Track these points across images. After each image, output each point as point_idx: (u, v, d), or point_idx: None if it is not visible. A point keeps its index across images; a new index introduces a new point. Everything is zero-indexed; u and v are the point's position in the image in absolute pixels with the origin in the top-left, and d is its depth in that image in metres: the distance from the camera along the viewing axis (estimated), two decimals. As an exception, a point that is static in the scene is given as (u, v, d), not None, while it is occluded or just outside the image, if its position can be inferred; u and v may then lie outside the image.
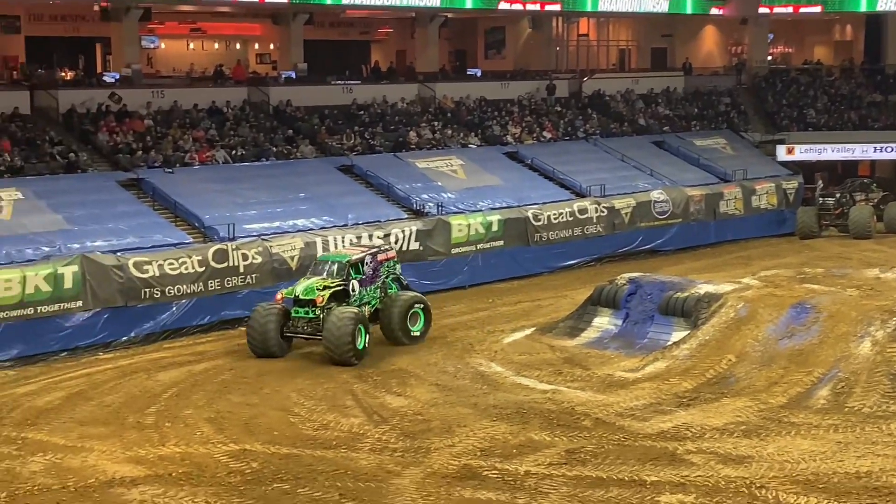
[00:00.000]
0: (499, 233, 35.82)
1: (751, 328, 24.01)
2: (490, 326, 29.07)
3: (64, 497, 17.35)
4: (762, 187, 44.38)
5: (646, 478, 17.47)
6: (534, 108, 45.94)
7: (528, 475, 17.78)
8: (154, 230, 30.22)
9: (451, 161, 38.99)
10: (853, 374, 21.74)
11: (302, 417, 21.43)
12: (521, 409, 21.50)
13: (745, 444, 19.02)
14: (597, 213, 38.53)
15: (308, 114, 39.90)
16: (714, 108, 50.85)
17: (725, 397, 21.72)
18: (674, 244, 40.74)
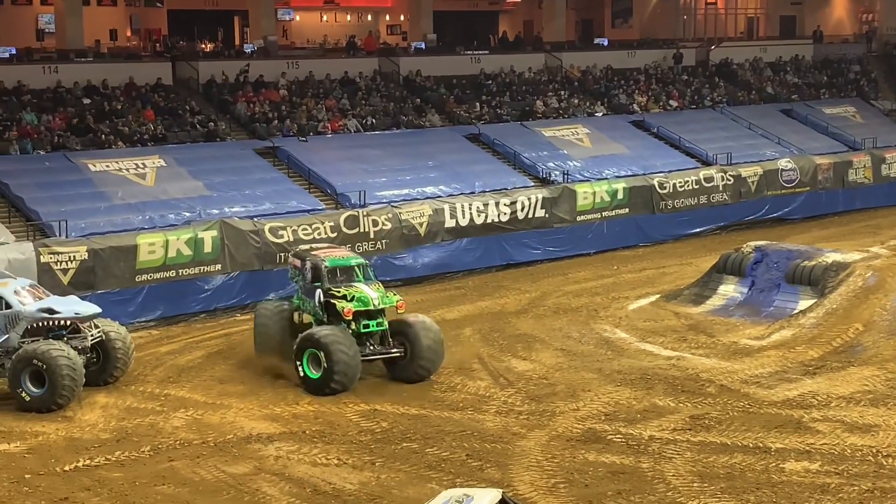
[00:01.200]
0: (624, 200, 35.43)
1: (879, 297, 23.36)
2: (614, 293, 28.85)
3: (204, 451, 17.81)
4: (892, 156, 42.97)
5: (770, 445, 17.18)
6: (660, 76, 45.23)
7: (652, 440, 17.63)
8: (289, 197, 30.68)
9: (577, 129, 38.66)
10: None
11: (430, 380, 21.57)
12: (645, 374, 21.32)
13: (872, 413, 18.55)
14: (723, 181, 37.82)
15: (437, 84, 39.94)
16: (843, 76, 49.39)
17: (852, 366, 21.20)
18: (801, 213, 39.77)
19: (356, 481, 16.27)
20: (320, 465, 17.01)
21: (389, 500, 15.50)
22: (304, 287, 22.04)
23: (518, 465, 16.72)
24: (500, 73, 41.78)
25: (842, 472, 15.92)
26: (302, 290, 22.15)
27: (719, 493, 15.34)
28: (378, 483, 16.21)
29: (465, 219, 31.94)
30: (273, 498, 15.81)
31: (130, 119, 32.40)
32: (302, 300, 22.20)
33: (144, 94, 34.07)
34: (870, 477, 15.68)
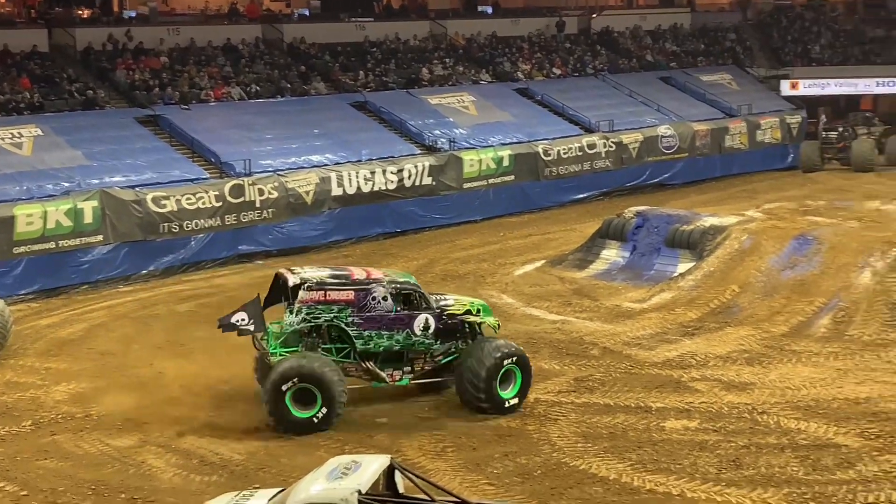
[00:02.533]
0: (509, 168, 35.67)
1: (754, 259, 23.94)
2: (501, 259, 29.05)
3: (87, 424, 17.47)
4: (767, 122, 44.06)
5: (651, 404, 17.52)
6: (544, 44, 45.53)
7: (538, 402, 17.82)
8: (171, 166, 30.16)
9: (463, 97, 38.74)
10: (853, 303, 21.68)
11: (317, 347, 21.43)
12: (531, 339, 21.52)
13: (748, 372, 19.04)
14: (605, 147, 38.33)
15: (321, 51, 39.59)
16: (720, 44, 50.34)
17: (729, 326, 21.71)
18: (680, 178, 40.55)
19: (244, 451, 16.12)
20: (207, 435, 16.80)
21: (278, 468, 15.40)
22: (363, 309, 17.34)
23: (407, 430, 16.76)
24: (385, 41, 41.57)
25: (719, 430, 16.31)
26: (355, 312, 17.34)
27: (602, 452, 15.61)
28: (266, 452, 16.09)
29: (352, 187, 31.81)
30: (159, 469, 15.59)
31: (5, 87, 31.42)
32: (363, 338, 17.40)
33: (19, 62, 33.07)
34: (746, 433, 16.11)
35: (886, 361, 19.25)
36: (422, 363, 17.97)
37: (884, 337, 20.50)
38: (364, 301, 17.29)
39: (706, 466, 14.91)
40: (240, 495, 12.45)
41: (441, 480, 14.13)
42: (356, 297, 17.27)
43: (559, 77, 43.25)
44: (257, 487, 13.40)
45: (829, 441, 15.67)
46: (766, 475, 14.52)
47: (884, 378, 18.36)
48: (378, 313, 17.34)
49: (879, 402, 17.21)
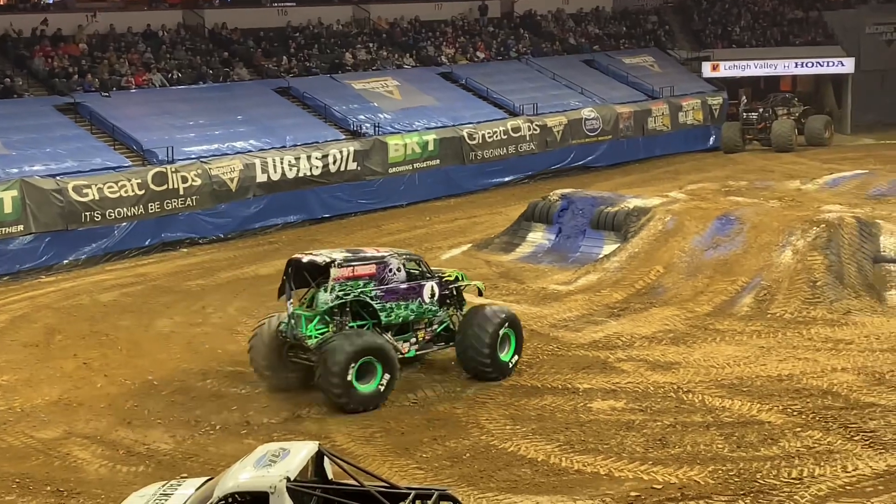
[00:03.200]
0: (434, 152, 35.67)
1: (678, 240, 24.21)
2: (427, 243, 29.06)
3: (10, 417, 17.17)
4: (688, 103, 44.57)
5: (578, 385, 17.65)
6: (467, 28, 45.53)
7: (466, 386, 17.87)
8: (93, 154, 29.70)
9: (387, 82, 38.63)
10: (775, 282, 22.03)
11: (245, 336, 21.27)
12: (458, 322, 21.53)
13: (673, 351, 19.26)
14: (530, 131, 38.48)
15: (244, 36, 39.20)
16: (641, 27, 50.73)
17: (654, 307, 21.93)
18: (604, 160, 40.88)
19: (171, 441, 15.97)
20: (134, 426, 16.62)
21: (206, 457, 15.28)
22: (382, 281, 17.75)
23: (335, 417, 16.71)
24: (307, 26, 41.29)
25: (645, 409, 16.48)
26: (377, 284, 17.69)
27: (531, 434, 15.70)
28: (194, 441, 15.95)
29: (277, 173, 31.60)
30: (85, 461, 15.38)
31: (-81, 76, 30.73)
32: (385, 310, 17.75)
33: (-67, 50, 32.33)
34: (671, 412, 16.30)
35: (808, 339, 19.60)
36: (423, 333, 18.34)
37: (805, 315, 20.86)
38: (383, 273, 17.77)
39: (633, 446, 15.07)
40: (167, 485, 12.34)
41: (370, 466, 14.13)
42: (377, 271, 17.71)
43: (483, 61, 43.33)
44: (185, 477, 13.29)
45: (753, 418, 15.92)
46: (692, 453, 14.72)
47: (805, 355, 18.69)
48: (394, 285, 17.81)
49: (801, 378, 17.51)
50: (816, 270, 22.04)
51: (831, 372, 17.73)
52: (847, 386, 17.02)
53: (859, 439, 14.90)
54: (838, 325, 20.21)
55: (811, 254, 22.45)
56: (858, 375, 17.49)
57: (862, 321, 20.39)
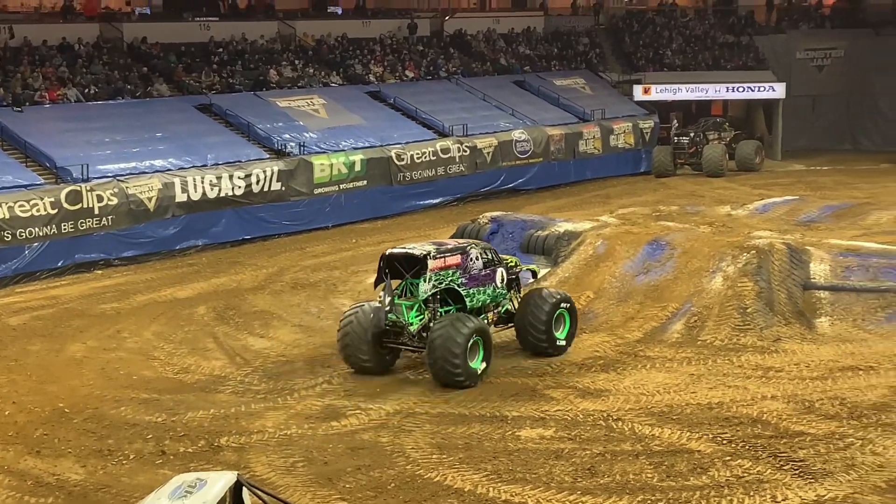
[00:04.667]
0: (362, 172, 35.63)
1: (608, 265, 24.41)
2: (354, 266, 28.98)
3: (-88, 447, 16.76)
4: (620, 127, 45.07)
5: (507, 413, 17.66)
6: (396, 46, 45.64)
7: (393, 414, 17.81)
8: (3, 171, 29.20)
9: (313, 100, 38.54)
10: (705, 308, 22.28)
11: (161, 361, 21.08)
12: (384, 348, 21.47)
13: (603, 379, 19.37)
14: (459, 152, 38.62)
15: (164, 51, 38.88)
16: (573, 49, 51.24)
17: (584, 333, 22.02)
18: (535, 183, 41.15)
19: (82, 471, 15.68)
20: (43, 455, 16.29)
21: (118, 488, 15.02)
22: (467, 270, 19.76)
23: (255, 446, 16.54)
24: (231, 41, 41.08)
25: (574, 437, 16.54)
26: (462, 273, 19.69)
27: (458, 463, 15.67)
28: (106, 472, 15.67)
29: (197, 193, 31.34)
30: (-10, 494, 15.04)
31: None
32: (469, 296, 19.80)
33: None
34: (601, 441, 16.38)
35: (738, 366, 19.83)
36: (492, 315, 20.54)
37: (735, 342, 21.12)
38: (466, 263, 19.83)
39: (562, 475, 15.11)
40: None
41: (291, 497, 14.00)
42: (461, 260, 19.78)
43: (412, 80, 43.43)
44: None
45: (683, 447, 16.04)
46: (621, 482, 14.80)
47: (735, 383, 18.90)
48: (475, 272, 19.98)
49: (731, 406, 17.71)
50: (747, 297, 22.34)
51: (761, 400, 17.95)
52: (777, 414, 17.24)
53: (789, 468, 15.09)
54: (768, 353, 20.49)
55: (741, 280, 22.75)
56: (788, 403, 17.73)
57: (792, 348, 20.69)
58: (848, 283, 22.94)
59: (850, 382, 18.76)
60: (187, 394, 19.13)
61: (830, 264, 23.40)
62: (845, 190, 39.34)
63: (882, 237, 25.33)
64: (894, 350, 20.43)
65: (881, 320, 21.94)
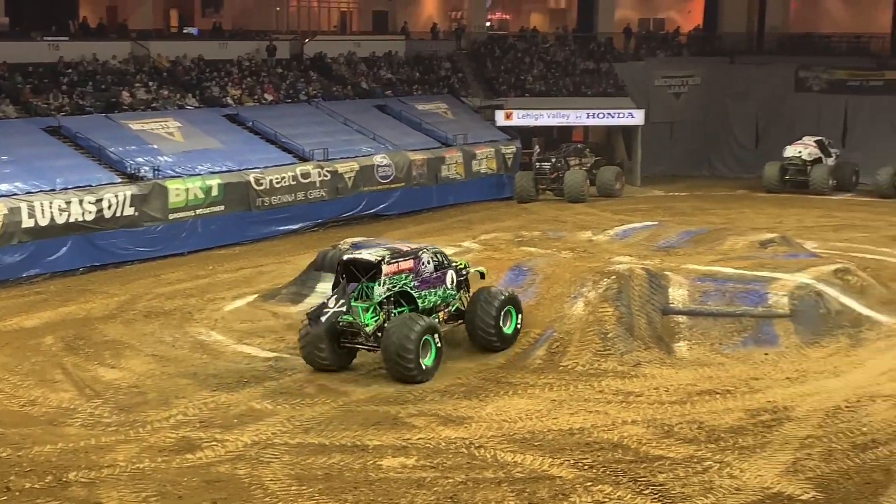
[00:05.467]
0: (219, 197, 35.23)
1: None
2: (210, 294, 28.61)
3: None
4: (482, 152, 45.52)
5: (368, 443, 17.65)
6: (254, 69, 45.32)
7: (251, 445, 17.63)
8: None
9: (168, 123, 37.99)
10: (567, 333, 22.65)
11: (7, 394, 20.47)
12: (242, 378, 21.30)
13: (465, 406, 19.50)
14: (320, 177, 38.49)
15: (10, 72, 37.88)
16: (435, 73, 51.64)
17: (447, 360, 22.05)
18: (397, 208, 41.25)
19: (-79, 512, 15.13)
20: None
21: (-40, 529, 14.53)
22: (419, 274, 21.70)
23: (106, 480, 16.17)
24: (81, 62, 40.25)
25: (437, 466, 16.61)
26: (415, 277, 21.64)
27: (317, 494, 15.58)
28: (-54, 512, 15.16)
29: (46, 218, 30.57)
30: None
31: None
32: (421, 297, 21.69)
33: None
34: (463, 469, 16.48)
35: (598, 391, 20.19)
36: (443, 314, 22.25)
37: (596, 367, 21.51)
38: (418, 267, 21.66)
39: (421, 504, 15.15)
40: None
41: (145, 533, 13.72)
42: (414, 264, 21.62)
43: (271, 103, 43.19)
44: None
45: (545, 473, 16.26)
46: (484, 510, 14.91)
47: (596, 408, 19.24)
48: (426, 276, 21.80)
49: (592, 432, 18.02)
50: (607, 322, 22.79)
51: (621, 425, 18.31)
52: (637, 439, 17.60)
53: (648, 493, 15.42)
54: (628, 377, 20.92)
55: (602, 305, 23.20)
56: (648, 428, 18.12)
57: (651, 373, 21.18)
58: (705, 308, 23.60)
59: (708, 406, 19.29)
60: (34, 427, 18.61)
61: (688, 289, 24.03)
62: (703, 215, 40.46)
63: (738, 262, 26.09)
64: (750, 373, 21.11)
65: (737, 344, 22.65)
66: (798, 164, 46.54)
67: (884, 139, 49.82)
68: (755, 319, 23.24)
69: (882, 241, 35.15)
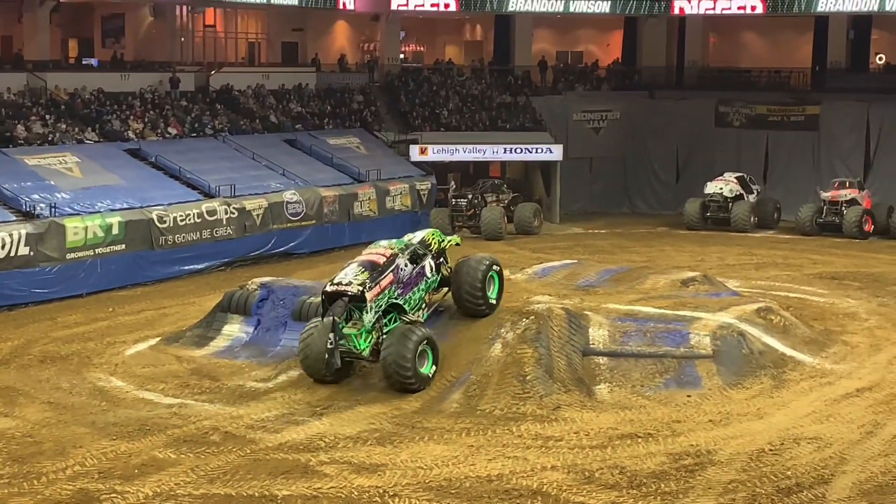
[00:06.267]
0: (120, 236, 34.83)
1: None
2: (110, 338, 28.22)
3: None
4: (396, 188, 45.61)
5: (277, 492, 17.50)
6: (157, 101, 45.00)
7: (152, 497, 17.38)
8: None
9: (66, 158, 37.51)
10: (485, 376, 22.70)
11: None
12: (144, 425, 21.00)
13: (379, 452, 19.43)
14: (227, 214, 38.25)
15: None
16: (347, 106, 51.71)
17: (360, 405, 22.10)
18: (308, 246, 41.12)
19: None
20: None
21: None
22: (400, 281, 23.18)
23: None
24: (-26, 94, 39.66)
25: (350, 516, 16.52)
26: (397, 286, 23.10)
27: (224, 548, 15.40)
28: None
29: (-66, 258, 29.94)
30: None
31: None
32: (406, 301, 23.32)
33: None
34: (377, 518, 16.41)
35: (517, 436, 20.25)
36: (427, 297, 24.01)
37: (514, 410, 21.57)
38: (398, 275, 23.00)
39: (336, 557, 15.04)
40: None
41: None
42: (394, 276, 22.91)
43: (175, 137, 42.88)
44: None
45: (462, 521, 16.23)
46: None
47: (515, 453, 19.29)
48: (407, 279, 23.27)
49: (511, 478, 18.05)
50: (526, 364, 22.89)
51: (541, 471, 18.37)
52: (557, 485, 17.67)
53: (570, 540, 15.45)
54: (548, 422, 21.01)
55: (521, 346, 23.31)
56: (568, 474, 18.21)
57: (571, 416, 21.30)
58: (626, 349, 23.84)
59: (630, 450, 19.45)
60: (-81, 482, 18.15)
61: (609, 329, 24.26)
62: (623, 254, 40.96)
63: (659, 301, 26.42)
64: (672, 416, 21.33)
65: (659, 386, 22.89)
66: (719, 200, 47.39)
67: (804, 175, 51.06)
68: (677, 360, 23.53)
69: (804, 279, 35.89)
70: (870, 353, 26.11)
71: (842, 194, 45.99)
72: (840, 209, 45.64)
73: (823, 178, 49.02)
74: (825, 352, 25.63)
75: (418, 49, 64.45)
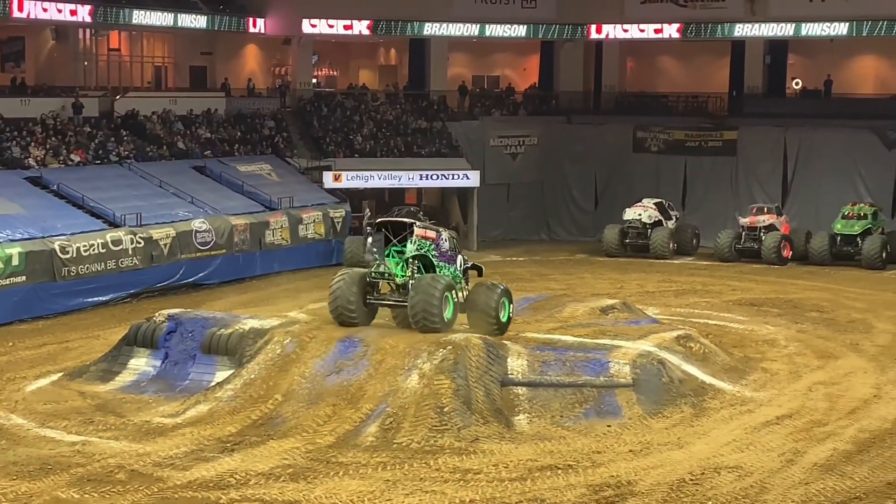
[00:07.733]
0: (20, 267, 34.29)
1: (298, 365, 24.47)
2: (9, 373, 27.74)
3: None
4: (309, 216, 45.48)
5: (187, 532, 17.30)
6: (60, 127, 44.44)
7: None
8: None
9: (-38, 186, 36.94)
10: (401, 408, 22.68)
11: None
12: (45, 464, 20.66)
13: (292, 489, 19.32)
14: (132, 244, 37.85)
15: None
16: (258, 132, 51.51)
17: (272, 440, 21.96)
18: (218, 277, 40.82)
19: None
20: None
21: None
22: (439, 247, 26.84)
23: None
24: None
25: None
26: (436, 257, 26.63)
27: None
28: None
29: None
30: None
31: None
32: (439, 267, 26.66)
33: None
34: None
35: (435, 469, 20.25)
36: (461, 293, 26.72)
37: (432, 443, 21.58)
38: (438, 240, 26.77)
39: None
40: None
41: None
42: (436, 237, 26.77)
43: (78, 164, 42.38)
44: None
45: (379, 559, 16.18)
46: None
47: (433, 487, 19.29)
48: (444, 250, 26.84)
49: (429, 512, 18.05)
50: (444, 395, 22.91)
51: (460, 505, 18.38)
52: (476, 519, 17.68)
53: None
54: (466, 454, 21.05)
55: (438, 377, 23.32)
56: (487, 507, 18.23)
57: (490, 448, 21.36)
58: (545, 378, 23.99)
59: (549, 482, 19.56)
60: None
61: (528, 359, 24.40)
62: (542, 281, 41.26)
63: (579, 330, 26.67)
64: (592, 447, 21.50)
65: (579, 416, 23.07)
66: (638, 227, 47.99)
67: (723, 200, 51.94)
68: (597, 390, 23.73)
69: (723, 306, 36.43)
70: (789, 380, 26.59)
71: (760, 220, 46.84)
72: (759, 235, 46.46)
73: (742, 204, 49.92)
74: (745, 379, 26.05)
75: (331, 73, 64.49)
